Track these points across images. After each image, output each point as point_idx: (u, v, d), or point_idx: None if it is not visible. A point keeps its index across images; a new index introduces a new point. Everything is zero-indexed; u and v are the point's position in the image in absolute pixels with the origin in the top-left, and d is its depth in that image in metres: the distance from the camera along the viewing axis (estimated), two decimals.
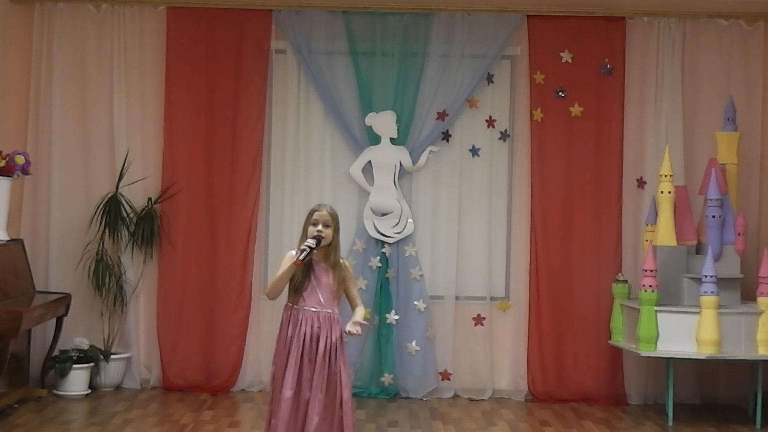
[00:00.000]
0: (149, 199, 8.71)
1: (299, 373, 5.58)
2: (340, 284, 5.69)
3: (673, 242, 8.11)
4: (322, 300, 5.65)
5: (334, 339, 5.63)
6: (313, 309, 5.64)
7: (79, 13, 8.76)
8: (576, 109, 8.73)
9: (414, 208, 8.78)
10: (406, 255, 8.72)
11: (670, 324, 7.82)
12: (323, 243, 5.62)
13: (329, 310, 5.65)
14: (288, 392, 5.55)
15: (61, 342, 8.38)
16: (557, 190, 8.74)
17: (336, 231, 5.68)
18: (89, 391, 8.40)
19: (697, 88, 8.80)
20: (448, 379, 8.73)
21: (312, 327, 5.60)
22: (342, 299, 5.79)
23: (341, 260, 5.75)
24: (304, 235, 5.67)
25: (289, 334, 5.63)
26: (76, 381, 8.32)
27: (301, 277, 5.64)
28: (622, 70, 8.77)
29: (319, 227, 5.62)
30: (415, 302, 8.69)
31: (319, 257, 5.66)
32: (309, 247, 5.56)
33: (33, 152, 8.52)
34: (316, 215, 5.66)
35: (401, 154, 8.72)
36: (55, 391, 8.30)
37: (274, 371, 5.69)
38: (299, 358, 5.58)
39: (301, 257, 5.54)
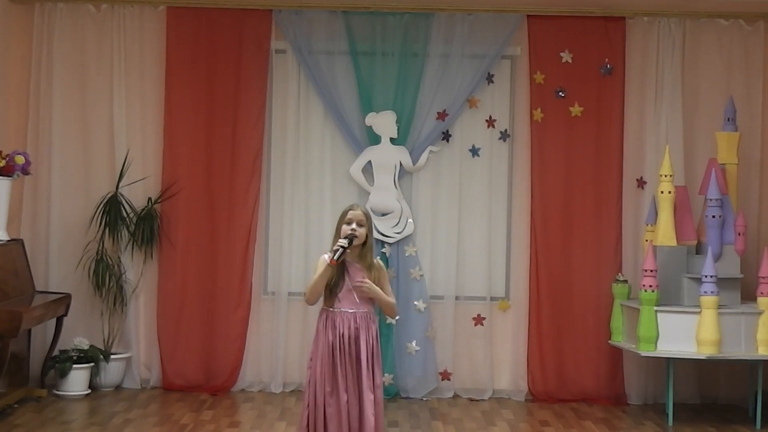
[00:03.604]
0: (149, 199, 8.71)
1: (345, 375, 5.57)
2: (375, 284, 5.68)
3: (673, 242, 8.11)
4: (357, 300, 5.63)
5: (373, 337, 5.64)
6: (349, 310, 5.62)
7: (79, 13, 8.76)
8: (576, 109, 8.74)
9: (414, 208, 8.78)
10: (406, 255, 8.73)
11: (670, 324, 7.82)
12: (356, 242, 5.60)
13: (365, 310, 5.65)
14: (344, 396, 5.54)
15: (61, 342, 8.38)
16: (557, 190, 8.74)
17: (370, 231, 5.67)
18: (89, 391, 8.40)
19: (697, 88, 8.80)
20: (448, 379, 8.74)
21: (350, 328, 5.60)
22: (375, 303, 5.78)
23: (376, 261, 5.75)
24: (338, 235, 5.64)
25: (330, 338, 5.60)
26: (76, 381, 8.32)
27: (336, 279, 5.62)
28: (622, 70, 8.77)
29: (353, 226, 5.61)
30: (415, 302, 8.69)
31: (353, 258, 5.64)
32: (342, 246, 5.54)
33: (33, 152, 8.52)
34: (350, 214, 5.64)
35: (401, 154, 8.72)
36: (55, 391, 8.30)
37: (311, 375, 5.64)
38: (342, 360, 5.57)
39: (335, 257, 5.53)
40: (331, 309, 5.65)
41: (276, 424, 7.66)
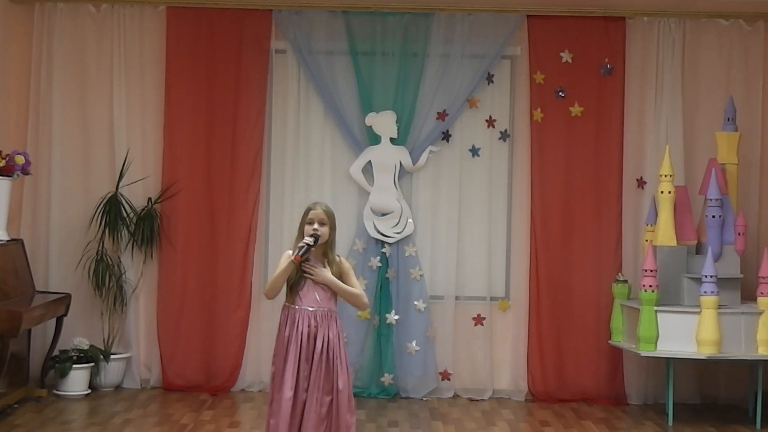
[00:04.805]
0: (149, 199, 8.71)
1: (298, 372, 5.58)
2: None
3: (673, 242, 8.11)
4: (318, 298, 5.65)
5: (331, 337, 5.63)
6: (309, 308, 5.64)
7: (79, 13, 8.76)
8: (576, 109, 8.74)
9: (414, 208, 8.78)
10: (406, 255, 8.72)
11: (670, 324, 7.82)
12: (320, 241, 5.63)
13: (326, 308, 5.66)
14: (288, 392, 5.55)
15: (61, 342, 8.38)
16: (557, 190, 8.74)
17: (332, 228, 5.69)
18: (89, 391, 8.40)
19: (697, 88, 8.80)
20: (448, 379, 8.74)
21: (309, 326, 5.61)
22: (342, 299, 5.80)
23: (338, 258, 5.76)
24: (300, 234, 5.67)
25: (287, 333, 5.63)
26: (76, 381, 8.32)
27: (297, 276, 5.65)
28: (622, 70, 8.77)
29: (315, 226, 5.63)
30: (415, 302, 8.69)
31: (316, 255, 5.67)
32: (307, 244, 5.57)
33: (33, 152, 8.52)
34: (311, 214, 5.67)
35: (401, 154, 8.72)
36: (55, 391, 8.30)
37: (273, 371, 5.69)
38: (297, 357, 5.58)
39: (299, 253, 5.55)
40: (292, 306, 5.67)
41: None
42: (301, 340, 5.60)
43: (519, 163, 8.85)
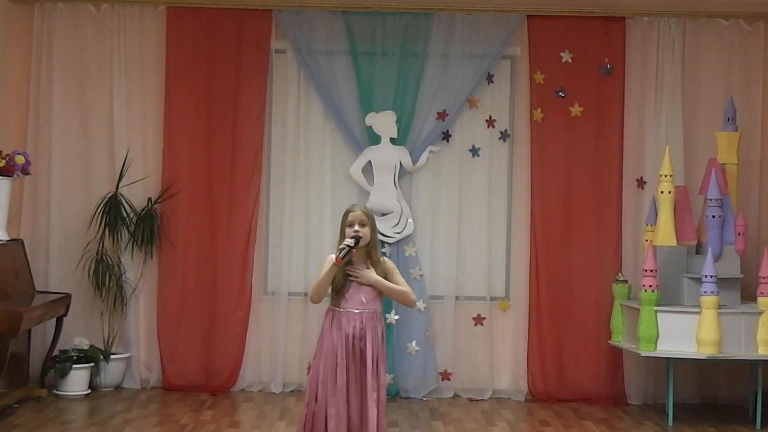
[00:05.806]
0: (149, 199, 8.71)
1: (347, 375, 5.58)
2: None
3: (673, 242, 8.11)
4: (364, 300, 5.65)
5: (377, 338, 5.65)
6: (356, 310, 5.64)
7: (79, 13, 8.76)
8: (576, 109, 8.74)
9: (414, 208, 8.78)
10: (406, 255, 8.73)
11: (670, 324, 7.82)
12: (361, 243, 5.64)
13: (371, 309, 5.66)
14: (345, 395, 5.56)
15: (61, 342, 8.38)
16: (557, 190, 8.74)
17: (373, 229, 5.69)
18: (89, 391, 8.41)
19: (697, 88, 8.80)
20: (448, 379, 8.74)
21: (355, 328, 5.61)
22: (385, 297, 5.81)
23: (382, 258, 5.78)
24: (342, 237, 5.68)
25: (335, 338, 5.62)
26: (76, 381, 8.32)
27: (342, 279, 5.65)
28: (622, 70, 8.77)
29: (356, 227, 5.63)
30: (415, 302, 8.69)
31: (359, 257, 5.67)
32: (348, 246, 5.58)
33: (33, 152, 8.52)
34: (351, 216, 5.67)
35: (401, 154, 8.73)
36: (55, 391, 8.30)
37: (313, 375, 5.67)
38: (346, 360, 5.59)
39: (341, 255, 5.55)
40: (337, 309, 5.67)
41: (276, 424, 7.66)
42: (350, 342, 5.60)
43: (519, 163, 8.85)
